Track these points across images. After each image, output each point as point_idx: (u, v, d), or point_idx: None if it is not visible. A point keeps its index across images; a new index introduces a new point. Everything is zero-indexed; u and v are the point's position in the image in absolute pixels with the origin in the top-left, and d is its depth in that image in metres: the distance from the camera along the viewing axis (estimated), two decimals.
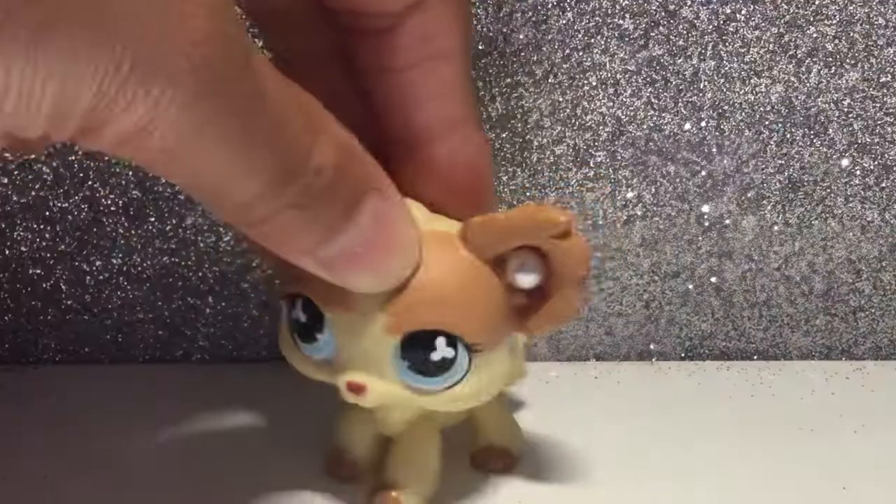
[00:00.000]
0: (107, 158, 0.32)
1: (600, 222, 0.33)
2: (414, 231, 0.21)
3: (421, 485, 0.24)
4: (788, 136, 0.32)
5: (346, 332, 0.21)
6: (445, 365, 0.21)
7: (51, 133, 0.15)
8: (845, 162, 0.33)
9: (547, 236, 0.21)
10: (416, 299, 0.21)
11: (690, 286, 0.34)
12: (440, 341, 0.21)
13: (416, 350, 0.21)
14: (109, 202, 0.32)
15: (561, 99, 0.32)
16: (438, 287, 0.21)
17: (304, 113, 0.18)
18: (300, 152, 0.18)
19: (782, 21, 0.31)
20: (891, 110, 0.32)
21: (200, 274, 0.33)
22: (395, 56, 0.22)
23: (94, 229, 0.32)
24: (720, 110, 0.32)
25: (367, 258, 0.20)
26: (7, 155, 0.30)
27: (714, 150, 0.32)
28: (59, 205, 0.32)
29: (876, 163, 0.33)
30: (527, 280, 0.22)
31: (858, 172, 0.33)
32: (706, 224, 0.33)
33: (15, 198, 0.32)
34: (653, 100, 0.32)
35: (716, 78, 0.32)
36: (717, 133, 0.32)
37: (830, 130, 0.32)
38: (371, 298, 0.21)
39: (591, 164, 0.33)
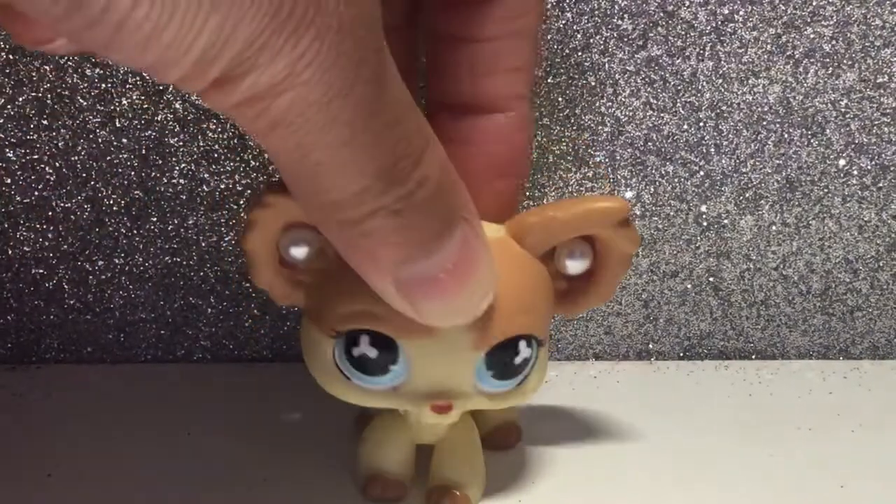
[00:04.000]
0: (109, 158, 0.32)
1: None
2: (494, 267, 0.20)
3: (478, 478, 0.25)
4: (786, 136, 0.32)
5: (426, 357, 0.21)
6: (525, 364, 0.21)
7: (189, 79, 0.15)
8: (842, 162, 0.33)
9: (609, 226, 0.21)
10: (497, 311, 0.20)
11: (689, 286, 0.34)
12: (522, 344, 0.21)
13: (502, 359, 0.21)
14: (112, 202, 0.32)
15: (560, 99, 0.32)
16: (515, 293, 0.21)
17: (415, 114, 0.17)
18: (411, 156, 0.17)
19: (780, 22, 0.31)
20: (888, 111, 0.32)
21: (202, 274, 0.33)
22: (484, 27, 0.22)
23: (97, 229, 0.32)
24: (718, 110, 0.32)
25: (447, 287, 0.18)
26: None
27: (712, 150, 0.33)
28: (62, 205, 0.32)
29: (873, 163, 0.33)
30: (578, 267, 0.22)
31: (856, 172, 0.33)
32: (704, 224, 0.33)
33: (18, 198, 0.32)
34: (651, 100, 0.32)
35: (714, 78, 0.32)
36: (716, 133, 0.32)
37: (828, 131, 0.32)
38: None
39: (590, 164, 0.33)
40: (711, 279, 0.34)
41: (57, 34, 0.17)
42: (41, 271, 0.33)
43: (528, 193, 0.33)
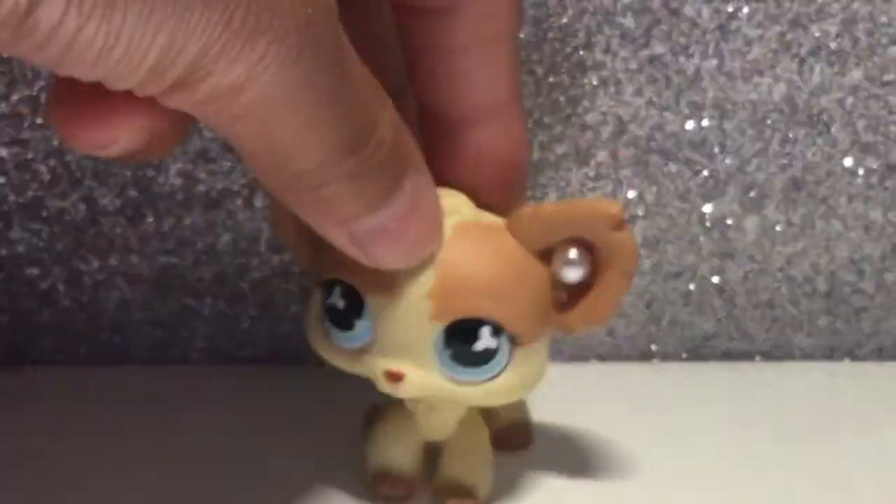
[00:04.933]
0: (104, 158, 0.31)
1: None
2: (441, 210, 0.21)
3: (486, 478, 0.24)
4: (791, 135, 0.32)
5: (387, 318, 0.21)
6: (488, 356, 0.21)
7: (145, 86, 0.15)
8: (848, 161, 0.33)
9: (601, 228, 0.21)
10: (464, 286, 0.21)
11: (692, 286, 0.34)
12: (485, 330, 0.21)
13: (460, 338, 0.21)
14: (107, 202, 0.32)
15: (562, 98, 0.32)
16: (487, 275, 0.21)
17: (371, 84, 0.18)
18: (368, 123, 0.18)
19: (785, 19, 0.31)
20: (894, 109, 0.32)
21: (198, 274, 0.33)
22: (453, 35, 0.22)
23: (92, 229, 0.32)
24: (722, 109, 0.32)
25: (399, 235, 0.20)
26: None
27: (716, 149, 0.32)
28: (57, 204, 0.32)
29: (879, 162, 0.33)
30: (573, 274, 0.22)
31: (861, 172, 0.33)
32: (708, 224, 0.33)
33: (12, 197, 0.32)
34: (654, 98, 0.32)
35: (718, 76, 0.32)
36: (720, 132, 0.32)
37: (833, 129, 0.32)
38: (416, 283, 0.20)
39: (593, 164, 0.32)
40: (715, 280, 0.34)
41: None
42: (35, 271, 0.33)
43: (529, 193, 0.33)
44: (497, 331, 0.21)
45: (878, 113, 0.32)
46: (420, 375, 0.21)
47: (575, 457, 0.27)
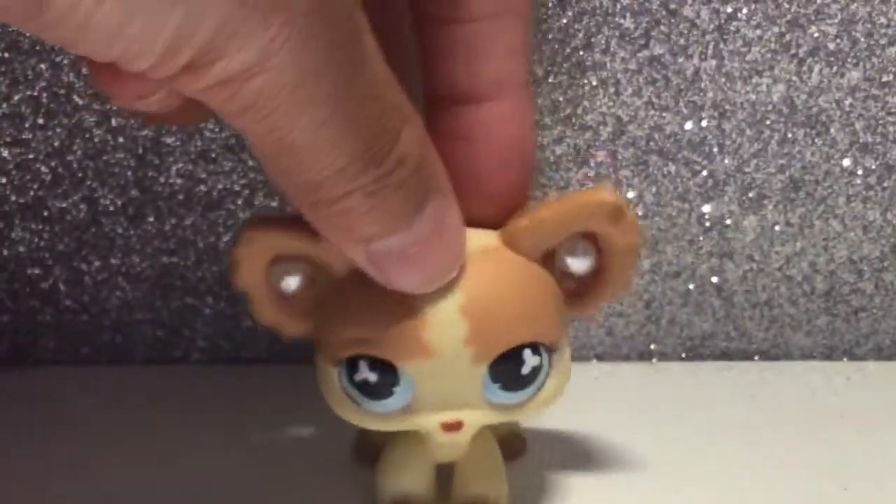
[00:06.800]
0: (105, 158, 0.32)
1: None
2: (464, 236, 0.20)
3: (503, 490, 0.24)
4: (790, 135, 0.32)
5: (429, 379, 0.20)
6: (535, 373, 0.21)
7: (158, 67, 0.15)
8: (847, 162, 0.33)
9: (601, 221, 0.21)
10: (494, 321, 0.20)
11: (691, 286, 0.34)
12: (527, 353, 0.20)
13: (506, 370, 0.20)
14: (108, 202, 0.32)
15: (561, 98, 0.32)
16: (510, 302, 0.20)
17: (394, 90, 0.17)
18: (389, 135, 0.17)
19: (784, 20, 0.31)
20: (893, 110, 0.32)
21: (199, 274, 0.33)
22: (471, 6, 0.21)
23: (93, 229, 0.32)
24: (721, 110, 0.32)
25: (419, 260, 0.19)
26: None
27: (715, 149, 0.32)
28: (58, 205, 0.32)
29: (878, 162, 0.33)
30: (581, 265, 0.22)
31: (860, 172, 0.33)
32: (707, 224, 0.33)
33: (13, 197, 0.32)
34: (653, 99, 0.32)
35: (717, 77, 0.32)
36: (718, 132, 0.32)
37: (832, 130, 0.32)
38: (448, 336, 0.20)
39: (592, 164, 0.32)
40: (714, 280, 0.34)
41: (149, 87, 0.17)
42: (37, 271, 0.33)
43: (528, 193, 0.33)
44: (536, 349, 0.21)
45: (877, 113, 0.32)
46: (476, 416, 0.21)
47: (574, 456, 0.28)
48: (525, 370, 0.21)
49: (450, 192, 0.19)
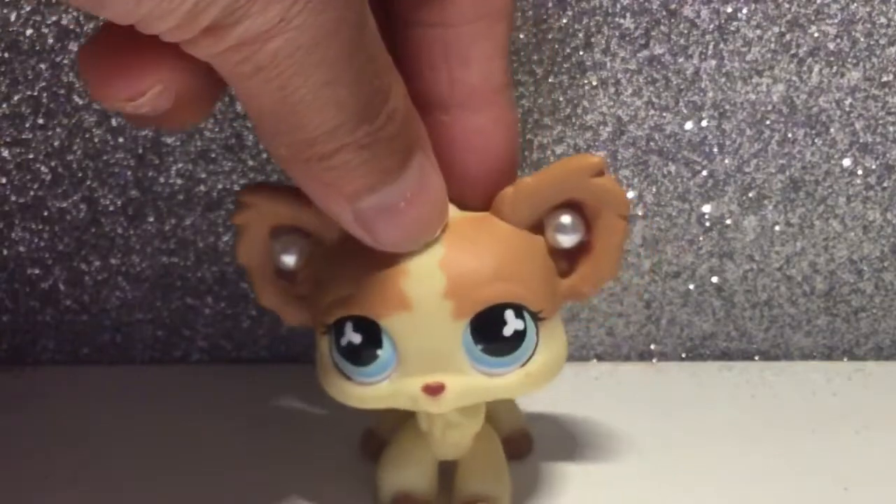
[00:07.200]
0: (105, 158, 0.32)
1: None
2: (445, 193, 0.21)
3: (505, 488, 0.24)
4: (790, 135, 0.32)
5: (410, 334, 0.20)
6: (518, 338, 0.21)
7: (179, 29, 0.15)
8: (847, 162, 0.33)
9: (583, 180, 0.21)
10: (476, 276, 0.20)
11: (691, 286, 0.34)
12: (509, 314, 0.21)
13: (488, 329, 0.21)
14: (108, 202, 0.32)
15: (561, 98, 0.32)
16: (493, 261, 0.21)
17: (384, 52, 0.18)
18: (382, 92, 0.18)
19: (784, 20, 0.31)
20: (893, 110, 0.32)
21: (199, 274, 0.33)
22: (451, 11, 0.21)
23: (93, 229, 0.32)
24: (721, 110, 0.32)
25: (406, 214, 0.19)
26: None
27: (715, 149, 0.32)
28: (58, 205, 0.32)
29: (878, 162, 0.33)
30: (569, 239, 0.22)
31: (860, 172, 0.33)
32: (707, 224, 0.33)
33: (13, 198, 0.32)
34: (654, 99, 0.32)
35: (717, 77, 0.32)
36: (719, 132, 0.32)
37: (832, 130, 0.32)
38: (428, 289, 0.20)
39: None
40: (714, 280, 0.34)
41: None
42: (37, 271, 0.33)
43: None
44: (519, 311, 0.21)
45: (877, 113, 0.32)
46: (458, 381, 0.21)
47: (574, 456, 0.27)
48: (507, 331, 0.21)
49: (430, 151, 0.20)
